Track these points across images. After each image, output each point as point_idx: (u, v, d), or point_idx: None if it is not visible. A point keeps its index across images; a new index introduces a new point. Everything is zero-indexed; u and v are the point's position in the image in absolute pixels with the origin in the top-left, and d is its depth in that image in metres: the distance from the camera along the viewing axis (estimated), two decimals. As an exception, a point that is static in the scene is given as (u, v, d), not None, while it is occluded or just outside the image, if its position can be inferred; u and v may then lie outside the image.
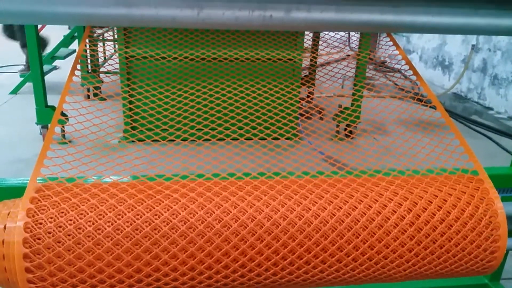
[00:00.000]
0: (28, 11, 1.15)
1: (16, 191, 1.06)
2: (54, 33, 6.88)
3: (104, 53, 6.64)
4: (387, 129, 4.89)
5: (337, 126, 4.72)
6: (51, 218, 0.91)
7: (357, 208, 1.02)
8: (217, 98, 1.66)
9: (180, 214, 0.96)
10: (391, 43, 1.62)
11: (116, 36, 6.08)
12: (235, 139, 1.39)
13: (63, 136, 4.03)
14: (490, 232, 1.07)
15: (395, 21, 1.30)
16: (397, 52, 1.55)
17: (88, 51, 4.31)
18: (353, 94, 4.53)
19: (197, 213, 0.97)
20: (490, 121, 5.78)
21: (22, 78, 5.95)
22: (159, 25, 1.21)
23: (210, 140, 1.35)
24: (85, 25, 1.32)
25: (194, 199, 0.99)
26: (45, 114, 4.10)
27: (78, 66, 1.41)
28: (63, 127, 4.23)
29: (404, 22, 1.31)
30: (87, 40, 1.48)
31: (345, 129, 4.73)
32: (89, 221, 0.91)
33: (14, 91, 6.01)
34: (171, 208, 0.97)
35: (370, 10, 1.28)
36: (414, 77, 1.52)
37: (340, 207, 1.02)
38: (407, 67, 1.53)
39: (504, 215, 1.08)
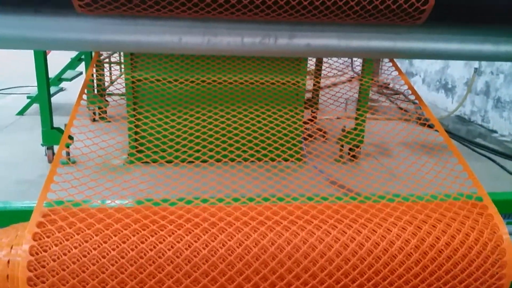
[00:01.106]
0: (38, 38, 1.18)
1: (22, 215, 1.07)
2: (61, 56, 7.00)
3: (111, 76, 6.73)
4: (391, 152, 4.89)
5: (341, 149, 4.73)
6: (57, 242, 0.91)
7: (361, 233, 1.02)
8: (222, 122, 1.68)
9: (184, 238, 0.96)
10: (393, 68, 1.64)
11: (122, 59, 6.18)
12: (239, 162, 1.40)
13: (68, 158, 4.06)
14: (496, 258, 1.06)
15: (397, 48, 1.33)
16: (399, 77, 1.57)
17: (95, 75, 4.38)
18: (357, 117, 4.55)
19: (201, 237, 0.97)
20: (494, 144, 5.77)
21: (29, 100, 6.03)
22: (166, 51, 1.24)
23: (214, 163, 1.35)
24: (93, 51, 1.35)
25: (199, 224, 0.99)
26: (51, 135, 4.14)
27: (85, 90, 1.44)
28: (69, 148, 4.26)
29: (406, 48, 1.33)
30: (94, 65, 1.51)
31: (349, 152, 4.73)
32: (94, 246, 0.92)
33: (21, 112, 6.08)
34: (176, 232, 0.97)
35: (373, 36, 1.31)
36: (417, 101, 1.54)
37: (345, 232, 1.02)
38: (410, 90, 1.54)
39: (509, 241, 1.07)
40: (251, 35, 1.24)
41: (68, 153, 4.02)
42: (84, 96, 1.38)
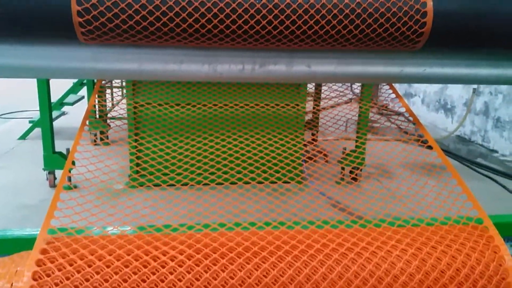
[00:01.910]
0: (42, 67, 1.21)
1: (23, 243, 1.08)
2: (63, 80, 7.07)
3: (112, 99, 6.79)
4: (392, 173, 4.89)
5: (342, 170, 4.72)
6: (60, 267, 0.91)
7: (363, 255, 1.02)
8: (223, 146, 1.69)
9: (185, 263, 0.97)
10: (391, 90, 1.66)
11: (124, 84, 6.25)
12: (240, 186, 1.41)
13: (70, 182, 4.06)
14: (499, 279, 1.06)
15: (396, 73, 1.35)
16: (398, 100, 1.60)
17: (97, 101, 4.42)
18: (357, 138, 4.57)
19: (203, 262, 0.97)
20: (495, 164, 5.77)
21: (31, 124, 6.07)
22: (167, 79, 1.27)
23: (216, 186, 1.36)
24: (96, 79, 1.38)
25: (200, 250, 1.00)
26: (52, 160, 4.15)
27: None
28: (70, 172, 4.26)
29: (405, 73, 1.36)
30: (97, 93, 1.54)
31: (351, 173, 4.73)
32: (97, 270, 0.92)
33: (23, 137, 6.11)
34: (177, 258, 0.97)
35: (371, 62, 1.34)
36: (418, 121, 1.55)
37: (346, 255, 1.02)
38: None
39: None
40: (250, 62, 1.27)
41: (69, 178, 4.02)
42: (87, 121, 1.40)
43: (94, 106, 5.25)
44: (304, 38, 1.23)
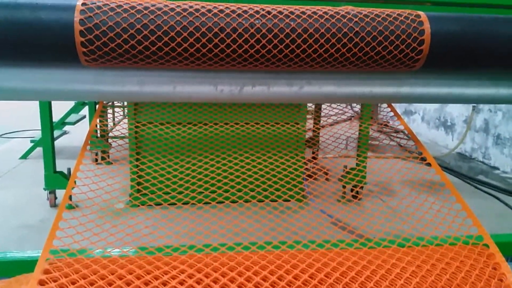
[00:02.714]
0: (46, 90, 1.23)
1: (24, 265, 1.08)
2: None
3: (114, 118, 6.83)
4: (393, 190, 4.88)
5: (343, 188, 4.72)
6: (62, 287, 0.92)
7: (363, 274, 1.02)
8: (224, 164, 1.70)
9: (187, 282, 0.97)
10: (390, 110, 1.68)
11: (125, 103, 6.30)
12: (241, 204, 1.41)
13: (71, 199, 4.06)
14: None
15: (394, 93, 1.37)
16: (396, 118, 1.61)
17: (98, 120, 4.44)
18: (358, 156, 4.57)
19: (204, 281, 0.97)
20: (497, 181, 5.76)
21: (32, 144, 6.10)
22: (170, 101, 1.29)
23: (217, 205, 1.37)
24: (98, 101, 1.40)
25: (201, 269, 1.00)
26: (53, 179, 4.16)
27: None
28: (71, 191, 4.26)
29: (403, 94, 1.38)
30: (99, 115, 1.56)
31: (352, 191, 4.72)
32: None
33: (24, 156, 6.13)
34: (178, 277, 0.97)
35: (370, 83, 1.36)
36: (418, 138, 1.56)
37: (347, 274, 1.02)
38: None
39: (513, 280, 1.07)
40: (249, 83, 1.29)
41: (70, 197, 4.02)
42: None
43: (96, 126, 5.27)
44: (304, 60, 1.25)
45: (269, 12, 1.24)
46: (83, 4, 1.19)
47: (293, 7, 1.24)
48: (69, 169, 4.30)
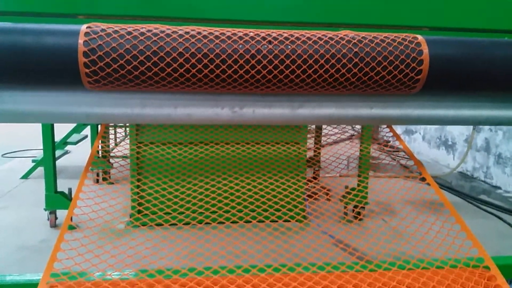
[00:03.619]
0: (49, 112, 1.25)
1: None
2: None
3: (115, 138, 6.85)
4: (394, 210, 4.86)
5: (345, 209, 4.68)
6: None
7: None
8: (225, 185, 1.71)
9: (187, 306, 0.96)
10: (389, 130, 1.70)
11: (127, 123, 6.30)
12: (242, 225, 1.41)
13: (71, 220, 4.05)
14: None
15: (394, 115, 1.39)
16: (396, 140, 1.62)
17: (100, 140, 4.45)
18: (359, 176, 4.56)
19: (204, 305, 0.97)
20: (499, 200, 5.73)
21: (34, 163, 6.11)
22: (170, 123, 1.30)
23: (217, 226, 1.37)
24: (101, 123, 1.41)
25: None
26: (54, 200, 4.15)
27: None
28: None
29: (403, 116, 1.39)
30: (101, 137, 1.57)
31: (353, 211, 4.69)
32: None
33: (25, 176, 6.13)
34: (179, 300, 0.97)
35: (369, 105, 1.37)
36: (419, 157, 1.57)
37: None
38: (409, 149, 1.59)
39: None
40: (251, 106, 1.31)
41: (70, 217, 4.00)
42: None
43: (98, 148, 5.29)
44: (304, 82, 1.27)
45: (270, 36, 1.26)
46: (86, 31, 1.22)
47: (294, 32, 1.26)
48: (70, 189, 4.29)
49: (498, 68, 1.37)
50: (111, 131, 6.67)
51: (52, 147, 4.11)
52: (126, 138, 6.60)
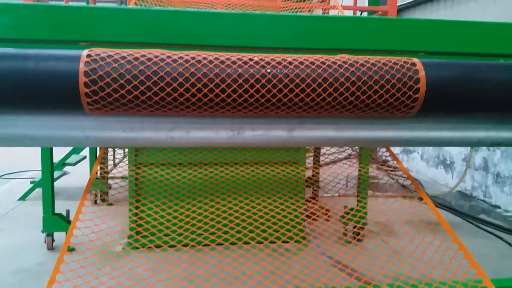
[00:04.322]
0: (49, 136, 1.26)
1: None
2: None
3: (114, 159, 6.85)
4: (393, 229, 4.83)
5: (345, 231, 4.64)
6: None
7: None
8: (224, 206, 1.71)
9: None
10: (387, 151, 1.71)
11: (126, 143, 6.30)
12: (240, 246, 1.41)
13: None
14: None
15: (392, 137, 1.40)
16: (393, 159, 1.64)
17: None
18: (358, 196, 4.54)
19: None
20: (499, 220, 5.71)
21: (32, 185, 6.08)
22: (170, 146, 1.31)
23: (216, 247, 1.36)
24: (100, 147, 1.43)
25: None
26: (52, 222, 4.11)
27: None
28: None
29: (401, 138, 1.41)
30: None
31: (352, 231, 4.66)
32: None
33: (23, 197, 6.10)
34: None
35: (368, 127, 1.39)
36: (418, 176, 1.58)
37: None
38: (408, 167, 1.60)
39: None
40: (249, 128, 1.33)
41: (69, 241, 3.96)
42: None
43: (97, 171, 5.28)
44: (304, 105, 1.29)
45: (273, 60, 1.29)
46: (88, 54, 1.24)
47: (292, 57, 1.29)
48: (68, 211, 4.26)
49: (494, 89, 1.40)
50: (110, 151, 6.67)
51: (50, 168, 4.11)
52: (125, 159, 6.60)
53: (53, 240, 4.12)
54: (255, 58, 1.31)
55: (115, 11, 1.33)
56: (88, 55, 1.25)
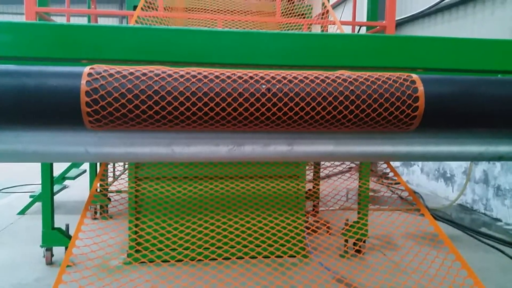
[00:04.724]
0: (51, 152, 1.27)
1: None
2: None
3: (114, 172, 6.84)
4: (393, 242, 4.81)
5: (346, 242, 4.61)
6: None
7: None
8: (223, 217, 1.70)
9: None
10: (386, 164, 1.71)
11: (126, 157, 6.28)
12: (240, 261, 1.40)
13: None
14: None
15: (392, 152, 1.41)
16: (393, 174, 1.64)
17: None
18: (359, 210, 4.52)
19: None
20: (500, 233, 5.68)
21: (31, 199, 6.06)
22: (170, 161, 1.32)
23: (216, 259, 1.35)
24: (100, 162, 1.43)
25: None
26: (51, 236, 4.09)
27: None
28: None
29: (400, 152, 1.41)
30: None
31: (354, 245, 4.62)
32: None
33: (22, 212, 6.08)
34: None
35: (367, 142, 1.40)
36: (418, 189, 1.58)
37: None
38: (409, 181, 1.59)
39: None
40: (249, 143, 1.33)
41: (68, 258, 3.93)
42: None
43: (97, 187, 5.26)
44: (302, 121, 1.29)
45: (273, 78, 1.30)
46: (89, 72, 1.25)
47: (292, 74, 1.30)
48: (67, 226, 4.24)
49: (493, 104, 1.40)
50: (110, 165, 6.66)
51: (50, 182, 4.10)
52: (125, 172, 6.59)
53: (52, 255, 4.09)
54: (256, 75, 1.32)
55: (117, 29, 1.34)
56: (90, 74, 1.26)
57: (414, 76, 1.39)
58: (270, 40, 1.40)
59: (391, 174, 8.36)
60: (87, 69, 1.26)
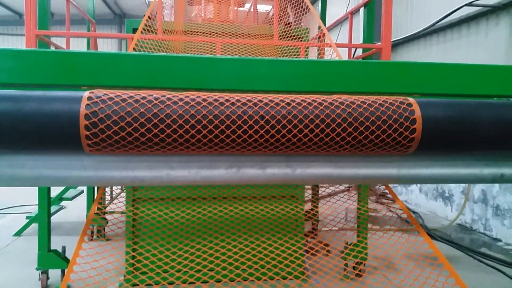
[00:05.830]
0: (50, 176, 1.27)
1: None
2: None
3: (111, 193, 6.81)
4: (392, 262, 4.76)
5: (346, 265, 4.55)
6: None
7: None
8: (222, 241, 1.69)
9: None
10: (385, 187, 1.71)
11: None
12: (239, 283, 1.38)
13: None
14: None
15: (390, 175, 1.41)
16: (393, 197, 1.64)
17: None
18: (359, 232, 4.48)
19: None
20: (500, 253, 5.64)
21: (28, 220, 6.01)
22: (168, 184, 1.32)
23: (213, 283, 1.34)
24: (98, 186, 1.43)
25: None
26: (47, 259, 4.03)
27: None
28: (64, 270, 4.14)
29: (398, 175, 1.42)
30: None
31: (354, 268, 4.57)
32: None
33: (18, 233, 6.01)
34: None
35: (366, 165, 1.40)
36: (417, 209, 1.57)
37: None
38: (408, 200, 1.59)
39: None
40: (248, 166, 1.34)
41: (63, 272, 3.88)
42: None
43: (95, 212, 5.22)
44: (301, 144, 1.30)
45: (271, 101, 1.31)
46: (89, 96, 1.26)
47: (290, 98, 1.31)
48: (64, 248, 4.19)
49: (489, 128, 1.41)
50: (107, 187, 6.64)
51: (47, 204, 4.06)
52: (122, 193, 6.55)
53: (47, 278, 4.03)
54: (254, 98, 1.33)
55: (117, 56, 1.36)
56: (89, 97, 1.27)
57: (411, 99, 1.41)
58: (267, 66, 1.42)
59: (389, 195, 8.34)
60: (86, 93, 1.28)
